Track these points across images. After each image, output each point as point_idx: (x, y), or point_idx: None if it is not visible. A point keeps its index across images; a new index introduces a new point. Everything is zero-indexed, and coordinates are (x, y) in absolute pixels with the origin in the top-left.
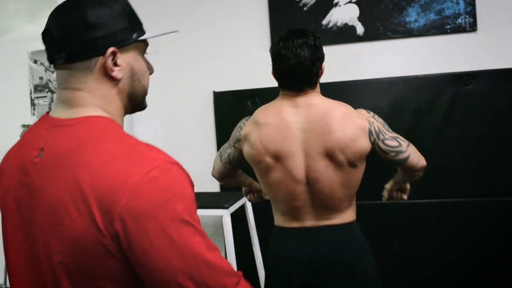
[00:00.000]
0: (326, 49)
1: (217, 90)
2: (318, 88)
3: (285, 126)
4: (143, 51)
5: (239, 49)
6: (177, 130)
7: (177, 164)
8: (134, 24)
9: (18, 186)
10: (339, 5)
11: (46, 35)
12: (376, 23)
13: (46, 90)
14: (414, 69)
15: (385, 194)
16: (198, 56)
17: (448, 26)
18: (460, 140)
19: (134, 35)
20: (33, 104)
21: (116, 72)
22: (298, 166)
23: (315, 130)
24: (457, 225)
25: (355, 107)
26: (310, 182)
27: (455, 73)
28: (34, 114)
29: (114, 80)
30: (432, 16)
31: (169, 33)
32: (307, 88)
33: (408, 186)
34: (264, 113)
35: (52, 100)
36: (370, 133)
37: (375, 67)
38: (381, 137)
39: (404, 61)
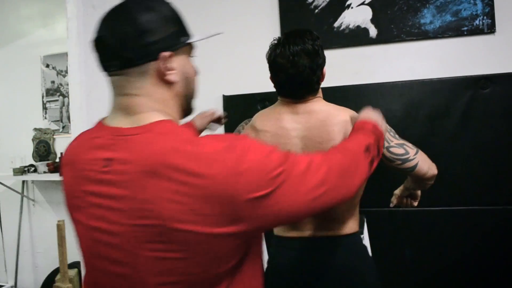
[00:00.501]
0: (339, 52)
1: (226, 94)
2: (319, 93)
3: (284, 133)
4: (190, 54)
5: (249, 53)
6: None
7: (243, 136)
8: (182, 28)
9: (83, 195)
10: (352, 7)
11: (99, 43)
12: (390, 25)
13: (58, 94)
14: (429, 72)
15: (393, 200)
16: (207, 60)
17: (465, 28)
18: (477, 146)
19: (183, 39)
20: (45, 108)
21: (171, 76)
22: None
23: (315, 138)
24: (473, 234)
25: None
26: None
27: (472, 77)
28: (45, 118)
29: (169, 84)
30: (448, 18)
31: (215, 35)
32: (307, 95)
33: (419, 193)
34: (263, 120)
35: (63, 104)
36: None
37: (388, 71)
38: (386, 144)
39: (419, 64)
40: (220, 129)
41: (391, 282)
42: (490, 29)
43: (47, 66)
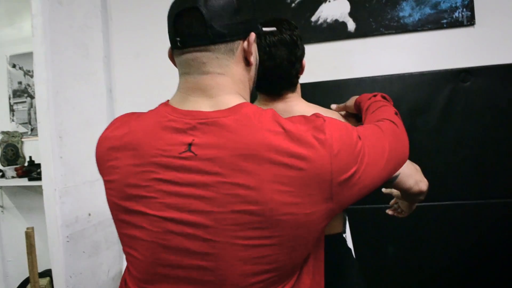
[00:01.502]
0: (316, 47)
1: None
2: (298, 90)
3: None
4: (257, 43)
5: None
6: None
7: (316, 115)
8: (256, 16)
9: (157, 183)
10: (329, 1)
11: (192, 13)
12: (368, 19)
13: (25, 95)
14: (409, 66)
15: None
16: None
17: (445, 21)
18: (458, 140)
19: (259, 26)
20: (12, 110)
21: (252, 58)
22: None
23: None
24: (456, 228)
25: None
26: None
27: (452, 70)
28: (13, 120)
29: (248, 67)
30: (428, 10)
31: (272, 29)
32: (286, 91)
33: (412, 206)
34: None
35: (31, 106)
36: None
37: (368, 65)
38: None
39: (398, 58)
40: None
41: (375, 279)
42: (470, 21)
43: (14, 66)
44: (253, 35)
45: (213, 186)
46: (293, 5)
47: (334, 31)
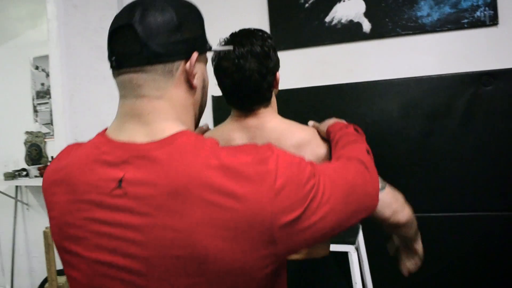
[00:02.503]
0: (331, 49)
1: (215, 94)
2: (273, 105)
3: None
4: (206, 64)
5: None
6: None
7: (268, 146)
8: (205, 34)
9: (91, 223)
10: (344, 0)
11: (126, 32)
12: (384, 19)
13: (48, 96)
14: (427, 69)
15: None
16: None
17: (465, 20)
18: (479, 148)
19: (207, 45)
20: (35, 111)
21: (196, 80)
22: None
23: None
24: (476, 241)
25: (364, 110)
26: None
27: (473, 73)
28: (36, 121)
29: (191, 90)
30: (447, 10)
31: (228, 49)
32: (257, 106)
33: (417, 249)
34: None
35: None
36: None
37: (384, 67)
38: None
39: (416, 60)
40: None
41: None
42: (493, 21)
43: (37, 68)
44: (195, 55)
45: (143, 228)
46: (306, 5)
47: (349, 32)
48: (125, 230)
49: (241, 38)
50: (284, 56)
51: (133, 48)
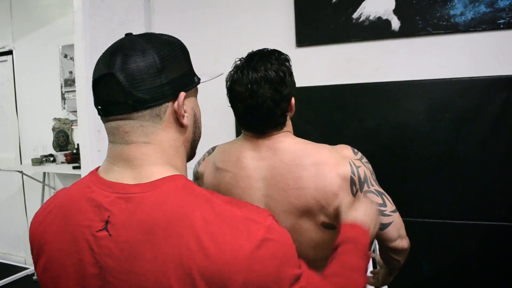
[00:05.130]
0: (357, 46)
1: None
2: (288, 127)
3: (245, 175)
4: (197, 95)
5: (261, 46)
6: None
7: (268, 214)
8: (191, 67)
9: (77, 264)
10: None
11: (108, 80)
12: (415, 17)
13: (75, 84)
14: (457, 70)
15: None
16: (218, 53)
17: (502, 21)
18: (508, 155)
19: (195, 78)
20: (63, 98)
21: (186, 119)
22: None
23: (279, 184)
24: (502, 252)
25: (389, 111)
26: None
27: (508, 76)
28: (64, 108)
29: (181, 128)
30: (482, 9)
31: (220, 75)
32: (270, 131)
33: (385, 279)
34: (223, 157)
35: None
36: (353, 183)
37: (412, 67)
38: (365, 187)
39: (447, 61)
40: (232, 125)
41: None
42: None
43: (65, 56)
44: (182, 95)
45: (123, 275)
46: (333, 1)
47: (377, 30)
48: (109, 274)
49: (256, 62)
50: (309, 53)
51: (117, 96)
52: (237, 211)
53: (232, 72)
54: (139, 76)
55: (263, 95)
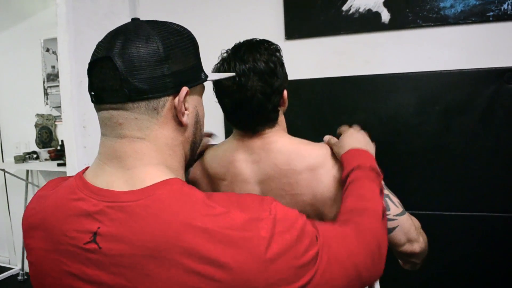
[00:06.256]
0: (347, 39)
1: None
2: (281, 123)
3: (241, 179)
4: (202, 95)
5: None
6: None
7: (270, 203)
8: (200, 62)
9: (62, 276)
10: None
11: (105, 65)
12: (405, 9)
13: (58, 79)
14: (447, 63)
15: None
16: (204, 46)
17: (491, 13)
18: (498, 147)
19: (203, 75)
20: (46, 94)
21: (186, 117)
22: None
23: (275, 190)
24: (491, 243)
25: (379, 104)
26: None
27: (497, 69)
28: (47, 104)
29: (180, 127)
30: (472, 1)
31: (229, 76)
32: (262, 128)
33: None
34: (215, 163)
35: None
36: None
37: (402, 60)
38: None
39: (437, 53)
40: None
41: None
42: None
43: (47, 50)
44: (184, 90)
45: None
46: None
47: (367, 22)
48: (97, 287)
49: (244, 53)
50: (298, 45)
51: (113, 83)
52: (239, 214)
53: (218, 64)
54: (139, 63)
55: (252, 88)
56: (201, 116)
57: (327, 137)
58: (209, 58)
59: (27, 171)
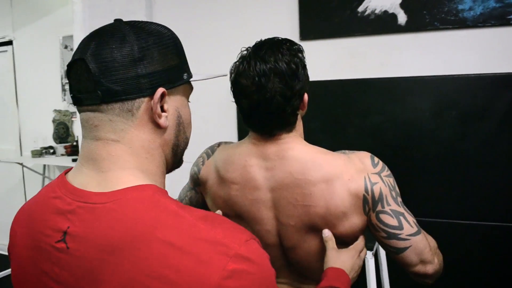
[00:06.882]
0: (362, 41)
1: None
2: (298, 128)
3: (252, 185)
4: (188, 96)
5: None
6: (199, 125)
7: (246, 238)
8: (184, 62)
9: (39, 274)
10: None
11: (78, 67)
12: (422, 11)
13: None
14: (465, 67)
15: None
16: (219, 46)
17: (511, 16)
18: None
19: (185, 75)
20: (63, 90)
21: (164, 119)
22: (269, 232)
23: (287, 199)
24: (507, 253)
25: (393, 108)
26: (285, 248)
27: None
28: (64, 100)
29: (159, 129)
30: (492, 4)
31: (220, 76)
32: (279, 132)
33: None
34: (228, 166)
35: None
36: (365, 202)
37: (418, 63)
38: (379, 207)
39: (454, 57)
40: (233, 120)
41: None
42: None
43: (66, 47)
44: (159, 91)
45: None
46: None
47: (383, 24)
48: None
49: (265, 52)
50: (313, 46)
51: (87, 85)
52: (209, 231)
53: (237, 63)
54: (112, 65)
55: (272, 90)
56: (184, 118)
57: (327, 233)
58: (221, 57)
59: (44, 165)
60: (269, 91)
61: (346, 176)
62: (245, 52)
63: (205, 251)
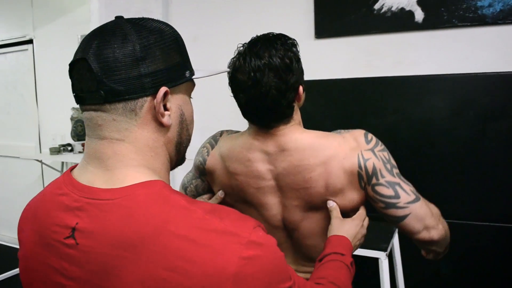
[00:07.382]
0: (378, 38)
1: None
2: (296, 117)
3: (256, 176)
4: (191, 93)
5: None
6: (213, 124)
7: (253, 225)
8: (186, 60)
9: (47, 270)
10: None
11: (80, 66)
12: (440, 8)
13: None
14: (484, 65)
15: None
16: (234, 43)
17: None
18: None
19: (187, 73)
20: None
21: (167, 118)
22: (275, 216)
23: (291, 185)
24: None
25: (410, 107)
26: (290, 230)
27: None
28: None
29: (162, 128)
30: None
31: (222, 72)
32: (276, 124)
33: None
34: (232, 158)
35: None
36: (360, 177)
37: (436, 61)
38: (373, 181)
39: (473, 55)
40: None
41: None
42: None
43: None
44: (162, 90)
45: (87, 285)
46: None
47: (399, 21)
48: (76, 284)
49: (260, 47)
50: (328, 44)
51: (89, 85)
52: (219, 223)
53: (234, 59)
54: (114, 64)
55: (267, 84)
56: (187, 116)
57: (332, 203)
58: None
59: (62, 162)
60: (264, 85)
61: (341, 155)
62: (241, 48)
63: (218, 241)
